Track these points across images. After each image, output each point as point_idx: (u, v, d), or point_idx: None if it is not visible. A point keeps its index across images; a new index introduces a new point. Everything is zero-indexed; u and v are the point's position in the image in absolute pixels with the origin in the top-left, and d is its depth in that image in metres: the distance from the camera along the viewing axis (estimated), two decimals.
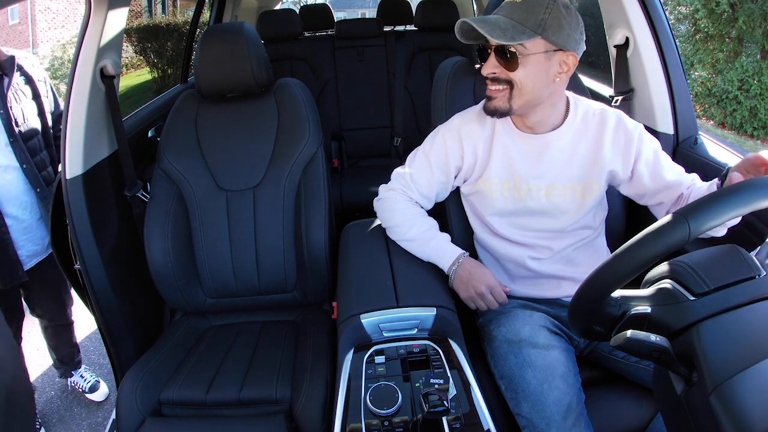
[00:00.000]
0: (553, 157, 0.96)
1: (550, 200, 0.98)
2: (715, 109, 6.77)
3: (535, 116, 0.95)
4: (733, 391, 0.47)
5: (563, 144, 0.96)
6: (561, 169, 0.97)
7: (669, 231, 0.52)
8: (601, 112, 0.97)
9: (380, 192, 1.11)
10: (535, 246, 1.01)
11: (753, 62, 6.50)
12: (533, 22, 0.84)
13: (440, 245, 1.00)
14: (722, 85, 6.61)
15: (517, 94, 0.89)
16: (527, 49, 0.85)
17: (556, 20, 0.84)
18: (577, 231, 1.01)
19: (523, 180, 0.98)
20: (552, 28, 0.84)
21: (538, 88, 0.89)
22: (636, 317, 0.57)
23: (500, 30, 0.83)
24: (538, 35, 0.84)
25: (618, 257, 0.54)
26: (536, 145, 0.97)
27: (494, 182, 1.00)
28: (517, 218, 1.01)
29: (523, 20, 0.84)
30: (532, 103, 0.91)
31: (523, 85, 0.88)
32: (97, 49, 1.15)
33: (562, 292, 1.02)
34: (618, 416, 0.91)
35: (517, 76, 0.87)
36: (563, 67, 0.88)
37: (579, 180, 0.97)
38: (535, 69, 0.87)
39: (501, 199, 1.00)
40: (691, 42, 6.98)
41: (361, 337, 0.88)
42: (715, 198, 0.53)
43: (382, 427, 0.71)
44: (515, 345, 0.92)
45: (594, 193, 0.97)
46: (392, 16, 2.68)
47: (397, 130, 2.36)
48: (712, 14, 6.53)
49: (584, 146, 0.96)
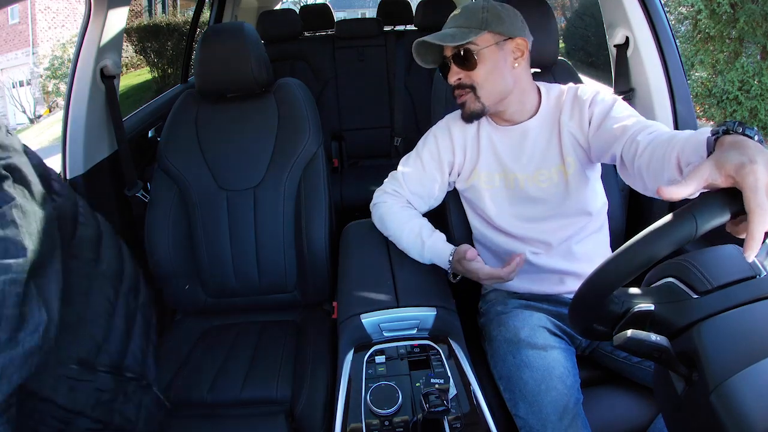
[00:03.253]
0: (534, 143, 1.00)
1: (538, 186, 1.00)
2: (715, 109, 6.77)
3: (509, 108, 0.99)
4: (733, 391, 0.47)
5: (540, 129, 0.99)
6: (542, 153, 0.99)
7: (675, 227, 0.51)
8: (569, 89, 1.00)
9: (374, 197, 1.11)
10: (533, 240, 1.02)
11: (753, 63, 6.50)
12: (476, 22, 0.92)
13: (432, 249, 0.99)
14: (722, 85, 6.61)
15: (482, 92, 0.94)
16: (479, 45, 0.92)
17: (494, 15, 0.92)
18: (575, 218, 1.00)
19: (511, 170, 1.01)
20: (494, 21, 0.92)
21: (502, 78, 0.94)
22: (638, 315, 0.57)
23: (450, 36, 0.92)
24: (484, 30, 0.92)
25: (622, 254, 0.54)
26: (516, 134, 1.00)
27: (485, 175, 1.02)
28: (512, 208, 1.02)
29: (467, 24, 0.93)
30: (500, 95, 0.96)
31: (486, 80, 0.94)
32: (97, 49, 1.15)
33: (564, 288, 1.02)
34: (619, 416, 0.91)
35: (478, 74, 0.93)
36: (517, 53, 0.95)
37: (558, 160, 0.99)
38: (493, 61, 0.93)
39: (493, 190, 1.02)
40: (692, 42, 6.98)
41: (361, 336, 0.88)
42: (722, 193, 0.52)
43: (382, 426, 0.71)
44: (514, 345, 0.92)
45: (572, 168, 0.97)
46: (392, 16, 2.68)
47: (398, 130, 2.37)
48: (713, 15, 6.54)
49: (557, 127, 0.98)
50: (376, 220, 1.09)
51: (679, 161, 0.66)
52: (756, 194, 0.48)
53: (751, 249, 0.48)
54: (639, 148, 0.77)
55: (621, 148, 0.83)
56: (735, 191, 0.50)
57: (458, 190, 1.09)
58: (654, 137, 0.76)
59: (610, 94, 0.96)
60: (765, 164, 0.49)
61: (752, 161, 0.50)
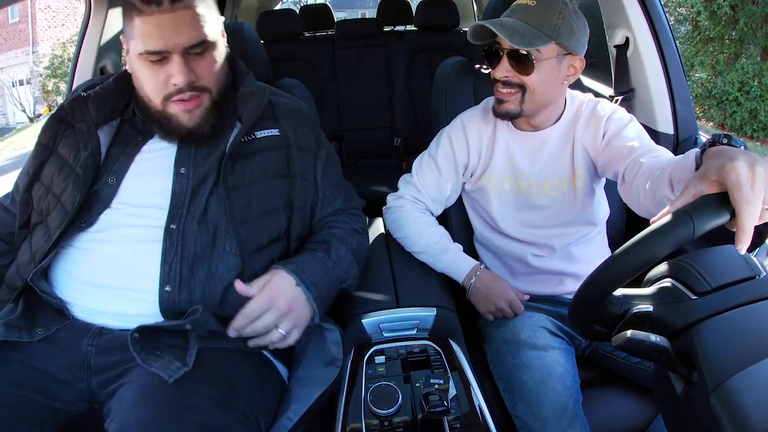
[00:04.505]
0: (550, 151, 0.98)
1: (546, 194, 0.99)
2: (715, 110, 6.77)
3: (540, 116, 0.97)
4: (733, 391, 0.47)
5: (557, 138, 0.98)
6: (555, 162, 0.99)
7: (673, 228, 0.51)
8: (588, 102, 0.99)
9: (388, 201, 1.10)
10: (536, 243, 1.02)
11: (753, 64, 6.50)
12: (548, 27, 0.85)
13: (453, 257, 1.00)
14: (722, 86, 6.61)
15: (529, 97, 0.90)
16: (542, 54, 0.87)
17: (568, 25, 0.86)
18: (579, 227, 1.01)
19: (524, 177, 0.99)
20: (565, 33, 0.86)
21: (549, 92, 0.91)
22: (638, 316, 0.57)
23: (519, 35, 0.84)
24: (553, 40, 0.85)
25: (621, 255, 0.54)
26: (536, 141, 0.99)
27: (496, 179, 1.01)
28: (518, 213, 1.02)
29: (538, 25, 0.85)
30: (543, 105, 0.93)
31: (536, 89, 0.89)
32: (97, 48, 1.15)
33: (564, 289, 1.02)
34: (619, 417, 0.91)
35: (531, 80, 0.89)
36: (571, 70, 0.91)
37: (569, 170, 0.98)
38: (548, 73, 0.88)
39: (503, 194, 1.01)
40: (692, 43, 6.98)
41: (361, 337, 0.88)
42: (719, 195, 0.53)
43: (382, 427, 0.71)
44: (514, 346, 0.92)
45: (581, 180, 0.97)
46: (392, 16, 2.67)
47: (397, 130, 2.36)
48: (713, 16, 6.53)
49: (572, 138, 0.97)
50: (390, 222, 1.08)
51: (671, 180, 0.69)
52: (740, 189, 0.50)
53: (741, 241, 0.50)
54: (640, 170, 0.80)
55: (624, 167, 0.85)
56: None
57: (465, 189, 1.09)
58: (656, 161, 0.78)
59: (627, 115, 0.95)
60: (745, 160, 0.51)
61: (732, 160, 0.52)
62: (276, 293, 0.74)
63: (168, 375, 0.67)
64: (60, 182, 0.80)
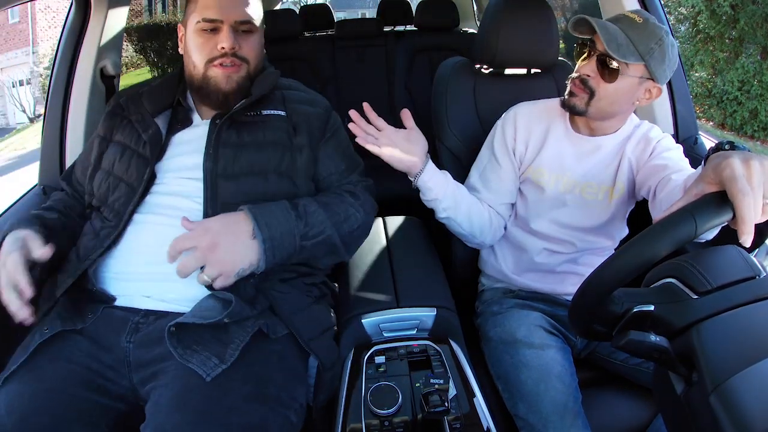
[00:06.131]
0: (600, 158, 0.99)
1: (582, 196, 1.00)
2: (715, 110, 6.77)
3: (602, 123, 0.98)
4: (733, 391, 0.47)
5: (610, 148, 0.98)
6: (601, 169, 0.99)
7: (674, 226, 0.52)
8: (644, 124, 1.00)
9: None
10: (555, 239, 1.02)
11: (753, 63, 6.49)
12: (644, 47, 0.86)
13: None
14: (722, 86, 6.60)
15: (595, 102, 0.92)
16: (629, 71, 0.88)
17: (662, 53, 0.87)
18: (599, 238, 1.02)
19: (568, 175, 1.00)
20: (656, 59, 0.87)
21: (618, 105, 0.92)
22: (638, 315, 0.57)
23: (616, 44, 0.86)
24: (644, 61, 0.87)
25: (623, 253, 0.54)
26: (589, 145, 0.99)
27: (544, 172, 1.01)
28: (549, 209, 1.02)
29: (637, 42, 0.86)
30: (606, 114, 0.94)
31: (605, 98, 0.90)
32: (97, 48, 1.15)
33: (564, 288, 1.02)
34: (618, 417, 0.91)
35: (605, 88, 0.90)
36: (647, 95, 0.92)
37: (610, 181, 0.99)
38: (625, 89, 0.90)
39: (541, 188, 1.01)
40: (692, 43, 6.98)
41: (361, 337, 0.88)
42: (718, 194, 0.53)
43: (382, 427, 0.71)
44: (511, 345, 0.92)
45: (618, 193, 0.99)
46: (392, 16, 2.67)
47: None
48: (713, 15, 6.53)
49: (622, 152, 0.98)
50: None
51: (685, 187, 0.71)
52: (735, 182, 0.52)
53: (743, 233, 0.51)
54: (669, 185, 0.84)
55: (657, 182, 0.88)
56: None
57: None
58: (685, 178, 0.81)
59: (674, 143, 0.96)
60: (740, 157, 0.54)
61: (727, 158, 0.55)
62: (204, 230, 0.74)
63: (206, 373, 0.67)
64: (122, 165, 0.86)
